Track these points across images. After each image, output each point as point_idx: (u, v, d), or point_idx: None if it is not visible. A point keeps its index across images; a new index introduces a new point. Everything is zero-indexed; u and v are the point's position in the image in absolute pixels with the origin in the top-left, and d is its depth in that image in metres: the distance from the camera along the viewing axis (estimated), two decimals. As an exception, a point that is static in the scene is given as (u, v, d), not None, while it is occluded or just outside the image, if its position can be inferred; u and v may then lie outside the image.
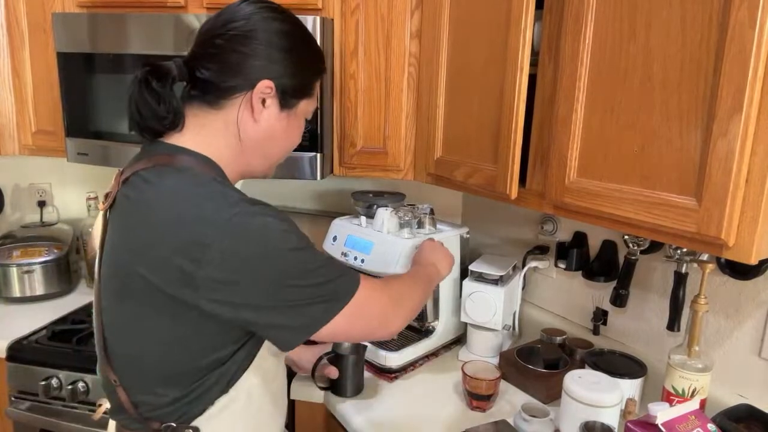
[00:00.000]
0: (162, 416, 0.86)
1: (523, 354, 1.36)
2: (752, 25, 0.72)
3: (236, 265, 0.76)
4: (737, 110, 0.75)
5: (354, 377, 1.26)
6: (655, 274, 1.29)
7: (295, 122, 0.93)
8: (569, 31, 0.98)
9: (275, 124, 0.89)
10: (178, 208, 0.78)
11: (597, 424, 1.02)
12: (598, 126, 0.96)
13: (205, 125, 0.87)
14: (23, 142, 1.71)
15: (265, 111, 0.87)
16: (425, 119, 1.40)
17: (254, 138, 0.89)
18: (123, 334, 0.86)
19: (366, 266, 1.36)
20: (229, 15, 0.86)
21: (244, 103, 0.86)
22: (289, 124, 0.92)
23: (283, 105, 0.89)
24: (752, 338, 1.12)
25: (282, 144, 0.93)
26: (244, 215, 0.78)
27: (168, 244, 0.77)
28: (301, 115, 0.94)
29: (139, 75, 0.82)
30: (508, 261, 1.48)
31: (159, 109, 0.83)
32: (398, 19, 1.40)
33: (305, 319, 0.81)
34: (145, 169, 0.83)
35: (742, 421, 1.04)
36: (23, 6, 1.60)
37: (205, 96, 0.86)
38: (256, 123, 0.88)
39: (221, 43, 0.84)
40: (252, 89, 0.85)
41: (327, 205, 1.97)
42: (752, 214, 0.77)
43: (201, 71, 0.85)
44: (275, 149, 0.93)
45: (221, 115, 0.87)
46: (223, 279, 0.76)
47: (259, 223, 0.78)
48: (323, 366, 1.23)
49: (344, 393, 1.26)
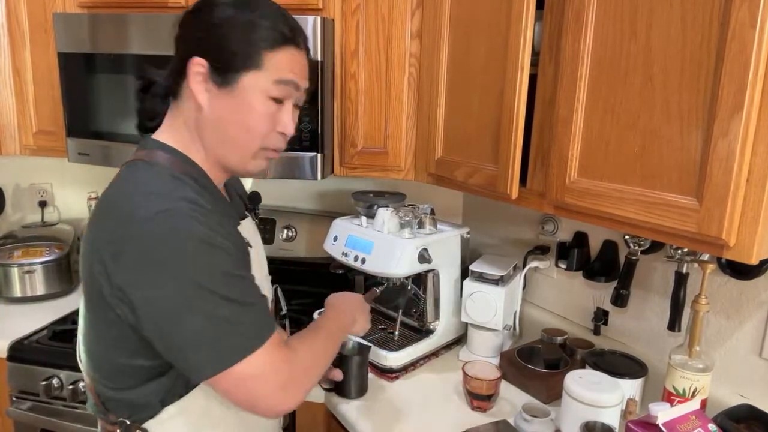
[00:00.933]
0: (117, 409, 0.86)
1: (524, 354, 1.36)
2: (753, 24, 0.72)
3: (143, 268, 0.72)
4: (738, 110, 0.75)
5: (358, 378, 1.25)
6: (656, 274, 1.28)
7: (243, 100, 0.82)
8: (570, 30, 0.98)
9: (219, 106, 0.82)
10: (118, 202, 0.78)
11: (597, 424, 1.02)
12: (599, 126, 0.96)
13: (170, 119, 0.88)
14: (24, 142, 1.71)
15: (205, 93, 0.82)
16: (426, 119, 1.40)
17: (207, 126, 0.84)
18: (84, 324, 0.87)
19: (366, 266, 1.36)
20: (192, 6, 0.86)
21: (187, 90, 0.83)
22: (237, 104, 0.82)
23: (220, 82, 0.81)
24: (753, 338, 1.12)
25: (238, 128, 0.84)
26: (168, 216, 0.73)
27: (102, 237, 0.76)
28: (250, 90, 0.82)
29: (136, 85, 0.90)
30: (508, 261, 1.48)
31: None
32: (399, 19, 1.40)
33: (192, 362, 0.74)
34: (126, 163, 0.85)
35: (742, 422, 1.04)
36: (24, 6, 1.60)
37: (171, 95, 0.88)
38: (202, 108, 0.83)
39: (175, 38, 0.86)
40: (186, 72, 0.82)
41: (327, 205, 1.97)
42: (753, 214, 0.77)
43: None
44: (234, 135, 0.84)
45: (178, 106, 0.86)
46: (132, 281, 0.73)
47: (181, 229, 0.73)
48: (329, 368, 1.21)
49: (348, 394, 1.25)
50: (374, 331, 1.49)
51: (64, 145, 1.59)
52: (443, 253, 1.42)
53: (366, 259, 1.36)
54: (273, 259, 1.83)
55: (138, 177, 0.81)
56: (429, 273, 1.44)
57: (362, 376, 1.27)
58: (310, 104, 1.38)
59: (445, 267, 1.44)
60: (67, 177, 2.09)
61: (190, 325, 0.73)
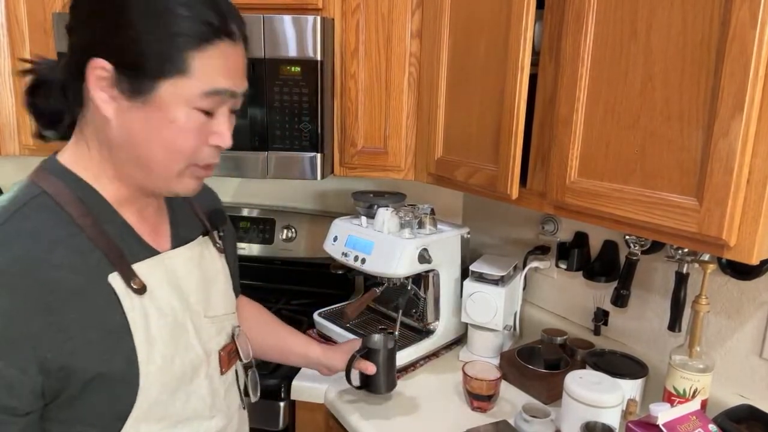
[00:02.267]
0: None
1: (524, 354, 1.36)
2: (753, 25, 0.72)
3: None
4: (738, 110, 0.74)
5: (388, 372, 1.19)
6: (656, 275, 1.28)
7: (162, 114, 0.65)
8: (570, 31, 0.98)
9: (131, 120, 0.65)
10: None
11: (598, 424, 1.02)
12: (599, 126, 0.96)
13: (77, 133, 0.71)
14: (24, 143, 1.71)
15: (112, 103, 0.65)
16: (426, 119, 1.40)
17: (116, 142, 0.67)
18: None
19: (366, 266, 1.35)
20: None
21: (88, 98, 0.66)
22: (152, 118, 0.65)
23: (129, 91, 0.64)
24: (753, 339, 1.11)
25: (156, 147, 0.67)
26: None
27: None
28: (172, 102, 0.65)
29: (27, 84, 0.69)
30: (508, 261, 1.48)
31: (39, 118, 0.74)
32: (399, 18, 1.40)
33: None
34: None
35: (743, 422, 1.04)
36: (23, 6, 1.60)
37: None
38: (108, 121, 0.66)
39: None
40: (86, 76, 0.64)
41: (327, 205, 1.97)
42: (753, 214, 0.77)
43: None
44: (151, 155, 0.67)
45: (83, 115, 0.69)
46: None
47: None
48: (358, 361, 1.15)
49: (379, 390, 1.19)
50: (374, 332, 1.49)
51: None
52: (443, 253, 1.42)
53: (366, 260, 1.36)
54: (273, 259, 1.85)
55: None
56: (429, 273, 1.44)
57: (391, 370, 1.20)
58: (310, 104, 1.38)
59: (445, 267, 1.44)
60: (67, 177, 2.08)
61: None
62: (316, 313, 1.58)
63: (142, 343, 0.69)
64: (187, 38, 0.63)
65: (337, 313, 1.58)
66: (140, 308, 0.70)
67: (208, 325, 0.81)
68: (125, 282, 0.69)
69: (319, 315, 1.57)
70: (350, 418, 1.20)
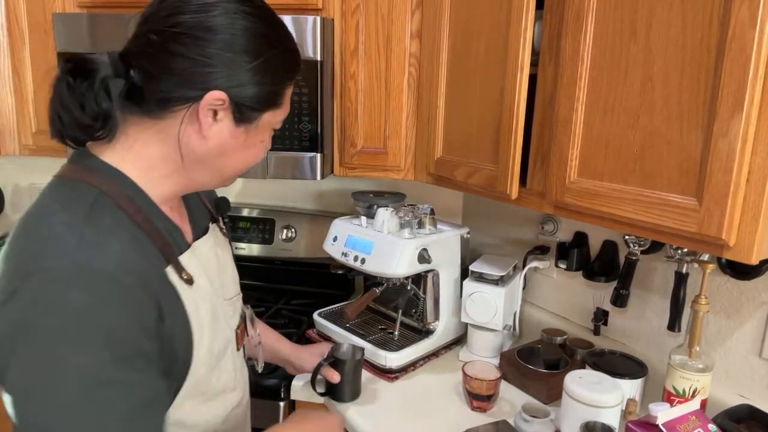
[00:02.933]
0: None
1: (524, 354, 1.36)
2: (753, 24, 0.72)
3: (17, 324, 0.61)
4: (738, 110, 0.75)
5: (353, 382, 1.25)
6: (656, 275, 1.28)
7: (255, 137, 0.76)
8: (570, 30, 0.98)
9: (228, 141, 0.73)
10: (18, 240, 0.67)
11: (598, 424, 1.02)
12: (599, 126, 0.96)
13: (137, 138, 0.72)
14: (23, 142, 1.71)
15: (216, 125, 0.71)
16: (425, 119, 1.40)
17: (201, 155, 0.73)
18: None
19: (366, 266, 1.35)
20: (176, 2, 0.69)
21: (188, 116, 0.70)
22: (247, 140, 0.75)
23: (239, 119, 0.72)
24: (753, 338, 1.12)
25: (237, 161, 0.77)
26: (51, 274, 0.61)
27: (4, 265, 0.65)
28: (265, 128, 0.77)
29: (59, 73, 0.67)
30: (508, 261, 1.48)
31: (82, 116, 0.67)
32: (398, 19, 1.40)
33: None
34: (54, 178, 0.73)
35: (742, 422, 1.04)
36: (23, 6, 1.60)
37: (140, 103, 0.70)
38: (204, 139, 0.72)
39: (157, 40, 0.68)
40: (198, 101, 0.69)
41: (327, 205, 1.97)
42: (753, 214, 0.77)
43: (135, 72, 0.69)
44: (229, 167, 0.77)
45: (160, 126, 0.71)
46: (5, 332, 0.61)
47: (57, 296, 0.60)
48: (324, 369, 1.21)
49: (342, 398, 1.25)
50: (374, 332, 1.49)
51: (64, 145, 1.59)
52: (443, 253, 1.42)
53: (366, 260, 1.36)
54: (273, 259, 1.85)
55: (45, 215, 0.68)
56: (429, 273, 1.44)
57: (356, 380, 1.26)
58: (310, 104, 1.38)
59: (445, 267, 1.44)
60: (67, 177, 2.08)
61: (44, 402, 0.60)
62: (315, 313, 1.58)
63: (196, 330, 0.75)
64: (289, 79, 0.77)
65: (337, 313, 1.58)
66: (192, 298, 0.75)
67: (226, 307, 0.87)
68: (178, 275, 0.74)
69: (319, 315, 1.57)
70: (350, 418, 1.20)
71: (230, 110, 0.71)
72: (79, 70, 0.67)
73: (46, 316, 0.60)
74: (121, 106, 0.71)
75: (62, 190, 0.71)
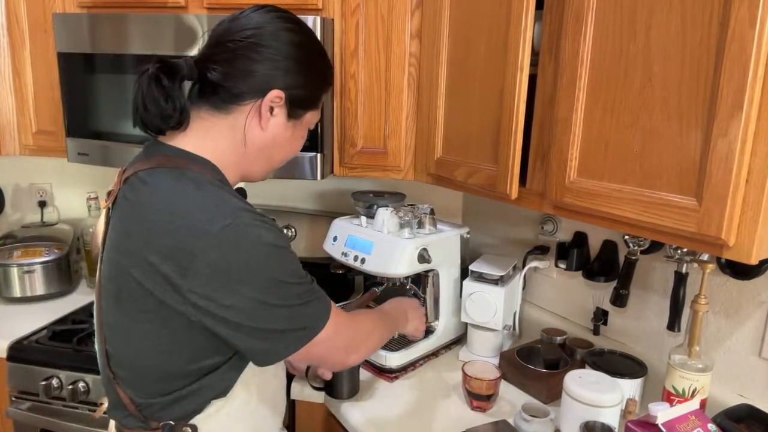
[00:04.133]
0: (160, 415, 0.86)
1: (524, 354, 1.36)
2: (753, 24, 0.72)
3: (221, 279, 0.76)
4: (737, 110, 0.75)
5: (350, 379, 1.25)
6: (656, 274, 1.29)
7: (299, 132, 0.94)
8: (569, 31, 0.98)
9: (281, 133, 0.90)
10: (170, 213, 0.77)
11: (597, 424, 1.02)
12: (599, 126, 0.96)
13: (210, 128, 0.87)
14: (24, 142, 1.71)
15: (273, 119, 0.88)
16: (425, 119, 1.40)
17: (259, 144, 0.89)
18: (120, 334, 0.86)
19: (366, 266, 1.36)
20: (244, 20, 0.86)
21: (253, 110, 0.86)
22: (293, 134, 0.93)
23: (290, 115, 0.90)
24: (752, 338, 1.12)
25: (284, 151, 0.94)
26: (235, 227, 0.77)
27: (158, 249, 0.77)
28: (305, 125, 0.95)
29: (150, 70, 0.80)
30: (508, 261, 1.48)
31: (166, 107, 0.81)
32: (398, 19, 1.40)
33: (279, 345, 0.83)
34: (145, 169, 0.83)
35: (742, 421, 1.04)
36: (24, 6, 1.60)
37: (213, 99, 0.85)
38: (263, 131, 0.88)
39: (234, 48, 0.84)
40: (263, 97, 0.85)
41: (327, 205, 1.97)
42: (752, 214, 0.77)
43: (212, 73, 0.84)
44: (277, 156, 0.94)
45: (229, 120, 0.86)
46: (206, 293, 0.76)
47: (252, 238, 0.78)
48: (317, 366, 1.21)
49: (339, 395, 1.25)
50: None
51: (64, 145, 1.59)
52: (443, 253, 1.42)
53: (366, 259, 1.36)
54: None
55: (187, 189, 0.80)
56: (429, 273, 1.44)
57: (354, 377, 1.26)
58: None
59: (445, 267, 1.44)
60: (67, 177, 2.09)
61: (273, 318, 0.80)
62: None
63: None
64: (327, 85, 0.97)
65: (336, 313, 1.58)
66: None
67: None
68: None
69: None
70: (350, 418, 1.20)
71: (285, 107, 0.88)
72: (166, 69, 0.81)
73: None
74: (192, 102, 0.86)
75: (177, 176, 0.82)
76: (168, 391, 0.85)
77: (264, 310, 0.79)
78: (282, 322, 0.81)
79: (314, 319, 0.85)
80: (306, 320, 0.84)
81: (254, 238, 0.78)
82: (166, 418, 0.86)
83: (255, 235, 0.78)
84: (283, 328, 0.82)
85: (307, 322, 0.84)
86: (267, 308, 0.79)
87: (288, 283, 0.81)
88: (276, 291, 0.80)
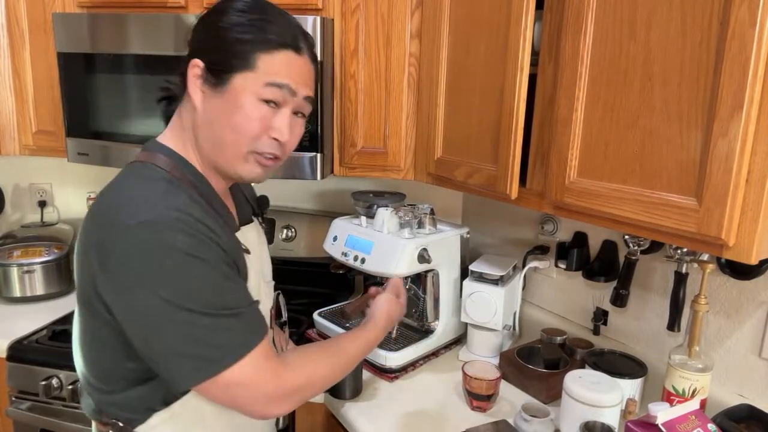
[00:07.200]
0: (109, 410, 0.86)
1: (524, 354, 1.36)
2: (753, 24, 0.72)
3: (127, 279, 0.73)
4: (738, 110, 0.75)
5: (352, 379, 1.25)
6: (656, 274, 1.28)
7: (233, 101, 0.81)
8: (569, 30, 0.98)
9: (211, 107, 0.82)
10: (107, 207, 0.78)
11: (597, 424, 1.02)
12: (599, 126, 0.96)
13: (173, 122, 0.89)
14: (24, 142, 1.71)
15: (200, 93, 0.83)
16: (425, 119, 1.40)
17: (200, 127, 0.84)
18: (77, 328, 0.87)
19: (366, 266, 1.36)
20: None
21: (188, 91, 0.84)
22: (226, 104, 0.81)
23: (213, 83, 0.81)
24: (752, 338, 1.12)
25: (226, 129, 0.82)
26: (152, 225, 0.72)
27: (91, 243, 0.77)
28: (241, 91, 0.81)
29: None
30: (508, 261, 1.48)
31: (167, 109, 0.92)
32: (398, 19, 1.40)
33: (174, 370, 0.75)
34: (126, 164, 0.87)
35: (742, 421, 1.04)
36: (23, 6, 1.60)
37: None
38: (196, 110, 0.83)
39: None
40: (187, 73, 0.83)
41: (327, 205, 1.97)
42: (752, 214, 0.77)
43: None
44: (222, 135, 0.83)
45: (180, 109, 0.88)
46: (115, 289, 0.75)
47: (165, 240, 0.72)
48: None
49: (342, 395, 1.25)
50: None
51: (64, 145, 1.59)
52: (443, 253, 1.42)
53: (366, 259, 1.36)
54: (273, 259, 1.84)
55: (129, 182, 0.81)
56: (429, 273, 1.44)
57: (356, 377, 1.26)
58: (310, 104, 1.38)
59: (445, 267, 1.44)
60: (67, 177, 2.09)
61: (172, 337, 0.73)
62: (316, 313, 1.58)
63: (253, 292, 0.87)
64: (261, 44, 0.81)
65: (337, 313, 1.58)
66: (249, 264, 0.89)
67: (266, 288, 1.01)
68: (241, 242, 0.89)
69: (319, 315, 1.57)
70: (350, 418, 1.20)
71: (205, 75, 0.82)
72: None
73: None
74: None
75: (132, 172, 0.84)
76: (109, 389, 0.84)
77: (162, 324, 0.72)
78: (179, 343, 0.73)
79: (222, 351, 0.74)
80: (209, 349, 0.74)
81: (168, 241, 0.72)
82: (114, 416, 0.85)
83: (170, 238, 0.72)
84: (181, 351, 0.73)
85: (209, 351, 0.74)
86: (165, 323, 0.72)
87: (194, 299, 0.73)
88: (179, 304, 0.72)
